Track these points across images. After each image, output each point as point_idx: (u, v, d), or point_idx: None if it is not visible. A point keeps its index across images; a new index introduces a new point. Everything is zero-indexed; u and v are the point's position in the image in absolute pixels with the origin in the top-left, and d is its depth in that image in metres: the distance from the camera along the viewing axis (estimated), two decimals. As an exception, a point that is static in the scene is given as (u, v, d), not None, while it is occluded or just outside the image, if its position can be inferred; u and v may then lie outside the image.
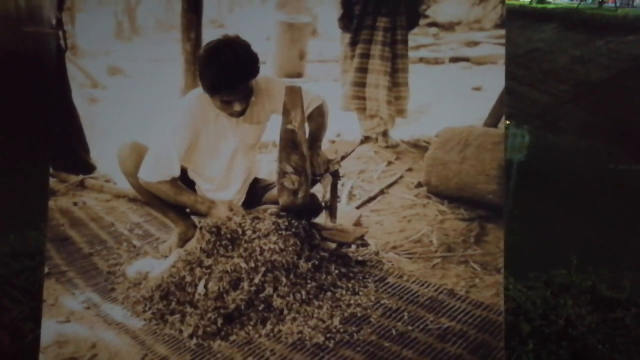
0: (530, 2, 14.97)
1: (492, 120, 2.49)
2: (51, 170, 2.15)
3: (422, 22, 2.55)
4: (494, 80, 2.20)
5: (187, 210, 2.01)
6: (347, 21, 2.75)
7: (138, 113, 2.49)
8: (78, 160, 2.28)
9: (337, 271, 1.90)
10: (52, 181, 2.08)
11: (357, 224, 2.10)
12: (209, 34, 1.93)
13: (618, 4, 12.17)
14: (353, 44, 2.76)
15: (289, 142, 1.85)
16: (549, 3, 14.75)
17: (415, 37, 2.44)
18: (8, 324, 2.01)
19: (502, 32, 1.96)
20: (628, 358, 2.15)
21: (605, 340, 2.18)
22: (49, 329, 1.72)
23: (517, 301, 2.23)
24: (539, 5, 13.84)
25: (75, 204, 2.15)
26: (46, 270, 1.86)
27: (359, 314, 1.77)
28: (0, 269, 2.27)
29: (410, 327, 1.72)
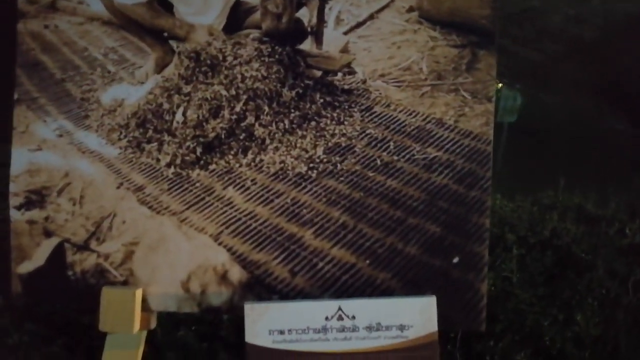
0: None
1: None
2: (20, -9, 1.73)
3: None
4: None
5: (165, 34, 1.68)
6: None
7: None
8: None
9: (321, 100, 1.61)
10: (21, 2, 1.67)
11: (344, 50, 1.75)
12: None
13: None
14: None
15: (272, -40, 1.47)
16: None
17: None
18: None
19: None
20: (609, 266, 1.99)
21: (589, 250, 2.02)
22: (20, 158, 1.45)
23: (502, 215, 2.00)
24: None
25: (46, 27, 1.76)
26: (16, 96, 1.54)
27: (343, 144, 1.51)
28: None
29: (395, 157, 1.48)
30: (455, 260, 1.34)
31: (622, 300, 2.06)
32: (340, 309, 1.26)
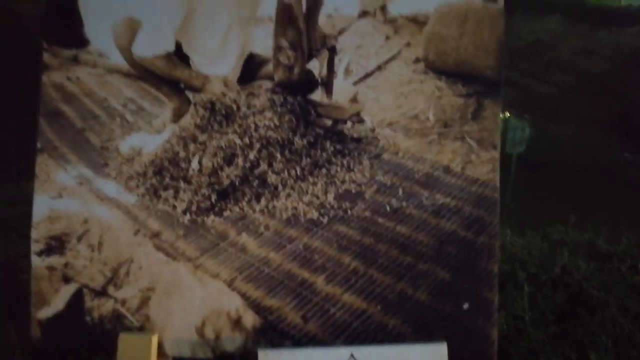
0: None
1: (492, -5, 2.12)
2: (45, 44, 1.81)
3: None
4: (495, -45, 1.81)
5: (182, 85, 1.74)
6: None
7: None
8: (71, 33, 1.93)
9: (332, 148, 1.66)
10: (46, 55, 1.75)
11: (354, 100, 1.81)
12: None
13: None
14: None
15: (285, 16, 1.61)
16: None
17: None
18: (5, 263, 1.84)
19: None
20: (622, 303, 1.98)
21: (601, 287, 2.01)
22: (41, 205, 1.49)
23: (513, 252, 2.02)
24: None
25: (68, 78, 1.83)
26: (39, 145, 1.59)
27: (353, 190, 1.55)
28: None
29: (404, 204, 1.52)
30: (466, 306, 1.36)
31: (636, 337, 2.03)
32: (352, 356, 1.27)
